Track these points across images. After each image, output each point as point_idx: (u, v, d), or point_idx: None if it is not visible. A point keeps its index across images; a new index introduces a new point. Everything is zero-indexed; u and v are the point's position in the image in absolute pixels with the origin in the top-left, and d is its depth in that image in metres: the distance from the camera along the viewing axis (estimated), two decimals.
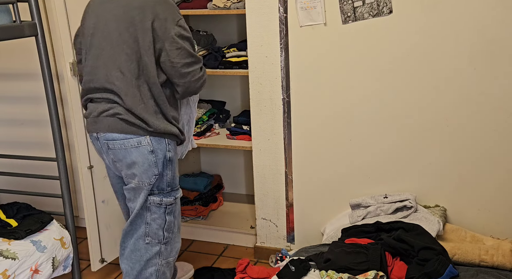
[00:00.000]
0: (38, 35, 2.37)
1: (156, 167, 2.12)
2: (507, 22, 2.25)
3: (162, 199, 2.18)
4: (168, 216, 2.23)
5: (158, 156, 2.12)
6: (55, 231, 2.53)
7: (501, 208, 2.48)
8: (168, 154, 2.15)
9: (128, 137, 2.09)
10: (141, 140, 2.09)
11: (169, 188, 2.20)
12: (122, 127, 2.08)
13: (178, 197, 2.27)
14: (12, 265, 2.24)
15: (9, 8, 2.30)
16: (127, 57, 2.05)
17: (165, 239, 2.25)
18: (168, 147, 2.15)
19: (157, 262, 2.26)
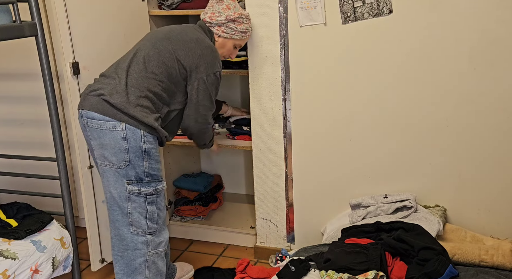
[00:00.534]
0: (38, 35, 2.37)
1: (127, 154, 2.14)
2: (507, 22, 2.25)
3: (140, 189, 2.20)
4: (149, 205, 2.23)
5: (130, 144, 2.14)
6: (55, 231, 2.53)
7: (501, 208, 2.48)
8: (144, 145, 2.15)
9: (106, 118, 2.13)
10: (116, 125, 2.12)
11: (148, 178, 2.20)
12: (102, 108, 2.13)
13: (160, 189, 2.26)
14: (12, 265, 2.24)
15: (9, 8, 2.30)
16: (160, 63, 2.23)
17: (150, 229, 2.26)
18: (143, 139, 2.15)
19: (145, 252, 2.28)
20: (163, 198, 2.31)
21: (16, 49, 3.06)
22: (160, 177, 2.27)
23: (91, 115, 2.16)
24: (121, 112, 2.12)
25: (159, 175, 2.26)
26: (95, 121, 2.15)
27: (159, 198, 2.28)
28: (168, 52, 2.23)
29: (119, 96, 2.13)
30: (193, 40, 2.27)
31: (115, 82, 2.17)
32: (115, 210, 2.25)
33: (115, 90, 2.15)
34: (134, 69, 2.20)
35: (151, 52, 2.23)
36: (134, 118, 2.12)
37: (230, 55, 2.50)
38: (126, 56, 2.29)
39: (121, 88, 2.15)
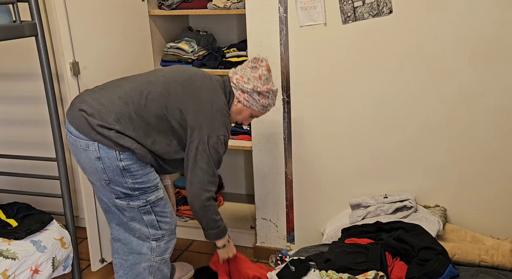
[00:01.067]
0: (38, 35, 2.37)
1: (105, 173, 2.05)
2: (507, 22, 2.25)
3: (129, 203, 2.12)
4: (146, 215, 2.16)
5: (106, 164, 2.04)
6: (55, 231, 2.53)
7: (501, 208, 2.48)
8: (121, 164, 2.04)
9: (80, 136, 2.04)
10: (89, 144, 2.03)
11: (136, 193, 2.10)
12: (79, 124, 2.04)
13: (154, 199, 2.15)
14: (12, 265, 2.24)
15: (9, 8, 2.30)
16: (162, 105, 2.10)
17: (153, 235, 2.21)
18: (119, 157, 2.03)
19: (149, 258, 2.24)
20: (164, 205, 2.21)
21: (16, 49, 3.06)
22: (153, 187, 2.14)
23: (70, 128, 2.09)
24: (95, 131, 2.01)
25: (152, 185, 2.14)
26: (72, 136, 2.08)
27: (158, 207, 2.18)
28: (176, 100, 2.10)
29: (100, 119, 2.02)
30: (207, 101, 2.12)
31: (106, 105, 2.06)
32: (115, 216, 2.22)
33: (99, 112, 2.03)
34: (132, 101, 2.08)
35: (158, 89, 2.11)
36: (108, 139, 2.01)
37: (243, 122, 2.35)
38: (132, 81, 2.17)
39: (108, 114, 2.03)
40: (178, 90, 2.12)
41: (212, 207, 2.16)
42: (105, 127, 2.00)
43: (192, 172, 2.11)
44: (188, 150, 2.11)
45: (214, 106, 2.12)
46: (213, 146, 2.10)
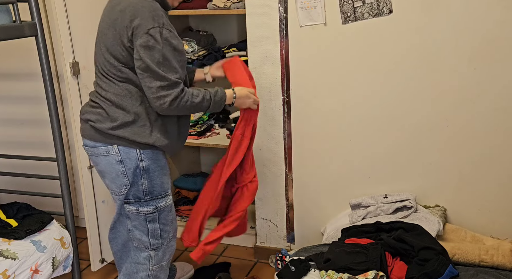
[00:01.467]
0: (38, 35, 2.37)
1: (126, 177, 2.04)
2: (507, 22, 2.25)
3: (138, 208, 2.10)
4: (151, 224, 2.13)
5: (127, 166, 2.03)
6: (55, 231, 2.53)
7: (501, 208, 2.48)
8: (141, 164, 2.04)
9: (97, 145, 2.05)
10: (109, 149, 2.03)
11: (147, 197, 2.09)
12: (91, 134, 2.06)
13: (163, 205, 2.14)
14: (12, 265, 2.24)
15: (9, 8, 2.30)
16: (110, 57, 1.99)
17: (153, 245, 2.18)
18: (140, 157, 2.03)
19: (147, 267, 2.21)
20: (169, 212, 2.19)
21: (16, 49, 3.06)
22: (164, 192, 2.13)
23: (85, 142, 2.11)
24: (109, 135, 2.02)
25: (162, 191, 2.12)
26: (89, 148, 2.09)
27: (163, 214, 2.16)
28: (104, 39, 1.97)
29: (103, 120, 2.02)
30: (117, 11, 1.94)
31: (95, 100, 2.06)
32: (118, 224, 2.21)
33: (98, 114, 2.03)
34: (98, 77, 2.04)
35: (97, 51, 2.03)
36: (124, 139, 2.01)
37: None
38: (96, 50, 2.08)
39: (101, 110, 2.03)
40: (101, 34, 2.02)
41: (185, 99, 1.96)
42: (114, 128, 2.00)
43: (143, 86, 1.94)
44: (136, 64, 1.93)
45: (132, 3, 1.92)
46: (147, 46, 1.86)
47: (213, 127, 3.28)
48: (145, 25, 1.86)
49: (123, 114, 2.00)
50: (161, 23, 1.89)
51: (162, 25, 1.88)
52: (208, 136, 3.18)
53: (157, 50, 1.87)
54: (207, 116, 3.23)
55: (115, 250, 2.28)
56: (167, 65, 1.90)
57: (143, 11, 1.88)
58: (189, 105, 1.99)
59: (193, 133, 3.12)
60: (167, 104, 1.92)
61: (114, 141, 2.01)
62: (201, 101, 2.02)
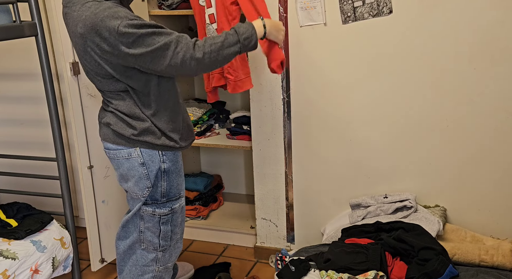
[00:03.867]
0: (38, 35, 2.37)
1: (148, 179, 2.04)
2: (507, 22, 2.25)
3: (155, 210, 2.10)
4: (164, 225, 2.14)
5: (149, 168, 2.03)
6: (55, 231, 2.53)
7: (501, 208, 2.48)
8: (163, 166, 2.04)
9: (119, 148, 2.03)
10: (131, 151, 2.02)
11: (164, 199, 2.10)
12: (113, 137, 2.04)
13: (177, 207, 2.15)
14: (12, 265, 2.24)
15: (9, 8, 2.30)
16: None
17: (162, 246, 2.18)
18: (162, 159, 2.04)
19: (154, 269, 2.21)
20: (180, 214, 2.19)
21: (16, 49, 3.06)
22: (178, 194, 2.14)
23: (106, 145, 2.08)
24: (133, 140, 2.00)
25: (177, 192, 2.14)
26: (111, 151, 2.07)
27: (175, 215, 2.16)
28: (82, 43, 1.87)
29: (124, 127, 2.00)
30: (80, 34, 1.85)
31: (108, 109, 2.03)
32: (131, 224, 2.18)
33: (116, 121, 2.01)
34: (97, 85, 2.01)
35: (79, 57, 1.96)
36: (147, 142, 2.01)
37: None
38: None
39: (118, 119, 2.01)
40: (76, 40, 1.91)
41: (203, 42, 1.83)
42: (136, 135, 1.99)
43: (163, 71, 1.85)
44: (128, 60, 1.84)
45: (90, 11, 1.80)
46: (131, 43, 1.77)
47: (213, 127, 3.28)
48: (112, 30, 1.76)
49: (139, 122, 1.99)
50: (122, 16, 1.77)
51: (124, 18, 1.77)
52: (208, 136, 3.18)
53: (140, 37, 1.77)
54: (207, 116, 3.24)
55: (121, 251, 2.26)
56: (158, 35, 1.78)
57: (100, 20, 1.78)
58: (216, 48, 1.80)
59: None
60: (193, 57, 1.79)
61: (137, 144, 2.01)
62: (224, 38, 1.82)
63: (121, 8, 1.84)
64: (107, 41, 1.79)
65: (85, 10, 1.82)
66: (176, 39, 1.81)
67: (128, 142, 2.01)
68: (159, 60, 1.81)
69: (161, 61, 1.81)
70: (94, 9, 1.80)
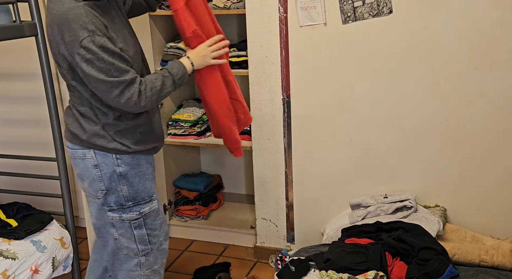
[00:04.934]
0: (38, 35, 2.37)
1: (102, 182, 1.96)
2: (507, 22, 2.25)
3: (121, 215, 2.01)
4: (137, 230, 2.04)
5: (103, 171, 1.95)
6: (55, 231, 2.53)
7: (501, 208, 2.48)
8: (118, 169, 1.95)
9: (75, 147, 1.98)
10: (86, 152, 1.96)
11: (130, 203, 2.00)
12: (70, 136, 2.00)
13: (148, 210, 2.04)
14: (12, 265, 2.24)
15: (9, 8, 2.30)
16: None
17: (142, 251, 2.09)
18: (116, 162, 1.95)
19: (139, 273, 2.13)
20: (156, 217, 2.09)
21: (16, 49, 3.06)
22: (147, 197, 2.04)
23: (67, 144, 2.04)
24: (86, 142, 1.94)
25: (146, 196, 2.03)
26: (69, 150, 2.01)
27: (149, 219, 2.07)
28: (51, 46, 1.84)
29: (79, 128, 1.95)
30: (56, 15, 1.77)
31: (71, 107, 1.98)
32: (104, 235, 2.10)
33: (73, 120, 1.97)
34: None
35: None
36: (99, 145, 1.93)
37: None
38: None
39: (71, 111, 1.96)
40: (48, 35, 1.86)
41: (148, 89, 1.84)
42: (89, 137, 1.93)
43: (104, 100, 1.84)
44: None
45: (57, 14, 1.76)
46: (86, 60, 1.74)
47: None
48: (75, 39, 1.72)
49: (91, 124, 1.93)
50: (91, 29, 1.72)
51: (93, 32, 1.72)
52: (208, 136, 3.18)
53: (98, 60, 1.74)
54: None
55: (109, 260, 2.18)
56: (115, 69, 1.77)
57: (68, 23, 1.73)
58: (156, 92, 1.86)
59: (193, 133, 3.12)
60: (136, 103, 1.82)
61: (91, 146, 1.95)
62: (162, 82, 1.88)
63: (93, 16, 1.77)
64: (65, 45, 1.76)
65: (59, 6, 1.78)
66: (128, 82, 1.79)
67: (82, 143, 1.95)
68: (103, 91, 1.80)
69: (105, 94, 1.81)
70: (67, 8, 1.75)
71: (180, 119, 3.14)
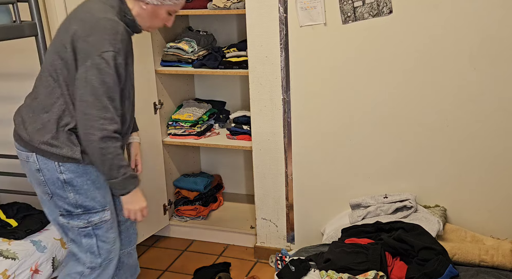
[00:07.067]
0: (38, 35, 2.37)
1: (46, 186, 1.92)
2: (507, 22, 2.25)
3: (69, 222, 1.94)
4: (85, 238, 1.96)
5: (46, 176, 1.90)
6: (55, 231, 2.52)
7: (501, 208, 2.48)
8: (62, 176, 1.88)
9: (21, 149, 1.95)
10: (29, 156, 1.91)
11: (79, 210, 1.92)
12: (17, 137, 1.97)
13: (97, 221, 1.96)
14: (12, 265, 2.24)
15: (9, 8, 2.30)
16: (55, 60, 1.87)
17: (90, 263, 2.01)
18: (59, 169, 1.87)
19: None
20: (109, 229, 2.00)
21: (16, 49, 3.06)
22: (100, 207, 1.95)
23: (15, 143, 1.99)
24: (28, 142, 1.89)
25: (98, 205, 1.95)
26: (17, 150, 1.99)
27: (100, 230, 1.97)
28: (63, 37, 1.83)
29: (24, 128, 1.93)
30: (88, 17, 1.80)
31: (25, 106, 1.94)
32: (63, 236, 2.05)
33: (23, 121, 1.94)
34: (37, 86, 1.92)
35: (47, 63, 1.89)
36: (41, 149, 1.87)
37: (167, 23, 1.99)
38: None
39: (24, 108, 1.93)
40: (61, 28, 1.88)
41: (112, 149, 1.80)
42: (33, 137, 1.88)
43: (77, 110, 1.79)
44: (76, 81, 1.80)
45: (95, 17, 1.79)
46: (98, 69, 1.75)
47: (213, 127, 3.28)
48: (99, 47, 1.75)
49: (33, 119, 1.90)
50: (118, 48, 1.77)
51: (118, 51, 1.77)
52: (208, 136, 3.18)
53: (107, 76, 1.76)
54: (207, 116, 3.24)
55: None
56: (112, 95, 1.78)
57: (102, 30, 1.76)
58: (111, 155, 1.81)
59: (193, 133, 3.13)
60: (97, 138, 1.77)
61: (33, 149, 1.89)
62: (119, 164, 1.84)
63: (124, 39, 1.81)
64: (85, 43, 1.76)
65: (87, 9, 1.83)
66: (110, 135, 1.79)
67: (26, 144, 1.91)
68: (85, 102, 1.76)
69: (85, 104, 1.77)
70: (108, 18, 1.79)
71: (180, 119, 3.15)
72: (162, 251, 3.16)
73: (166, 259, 3.08)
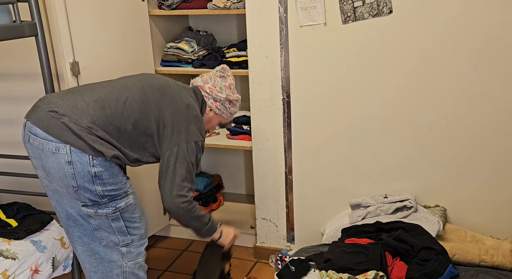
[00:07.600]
0: (38, 35, 2.37)
1: (74, 179, 1.91)
2: (507, 22, 2.25)
3: (97, 211, 1.99)
4: (114, 222, 2.03)
5: (77, 169, 1.90)
6: (55, 231, 2.53)
7: (501, 208, 2.48)
8: (93, 170, 1.91)
9: (49, 138, 1.90)
10: (60, 147, 1.89)
11: (105, 199, 1.97)
12: (48, 125, 1.90)
13: (124, 206, 2.03)
14: (12, 265, 2.24)
15: (9, 8, 2.30)
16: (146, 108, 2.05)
17: (122, 242, 2.08)
18: (92, 163, 1.90)
19: (121, 264, 2.11)
20: (134, 209, 2.08)
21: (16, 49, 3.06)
22: (124, 193, 2.02)
23: (35, 130, 1.92)
24: (69, 133, 1.88)
25: (121, 192, 2.01)
26: (37, 139, 1.92)
27: (127, 213, 2.05)
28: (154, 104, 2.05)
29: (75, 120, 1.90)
30: (184, 105, 2.09)
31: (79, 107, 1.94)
32: (79, 226, 2.07)
33: (73, 113, 1.91)
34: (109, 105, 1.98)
35: (136, 95, 2.03)
36: (83, 141, 1.88)
37: (210, 130, 2.37)
38: (105, 86, 2.07)
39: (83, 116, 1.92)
40: (156, 95, 2.07)
41: (196, 206, 2.14)
42: (81, 128, 1.89)
43: (172, 181, 2.05)
44: (168, 158, 2.05)
45: (191, 112, 2.10)
46: (193, 152, 2.08)
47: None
48: (196, 135, 2.08)
49: None
50: (203, 136, 2.13)
51: (203, 138, 2.13)
52: (208, 136, 3.18)
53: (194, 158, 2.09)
54: None
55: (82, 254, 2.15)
56: (192, 171, 2.09)
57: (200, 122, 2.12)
58: (195, 214, 2.15)
59: None
60: (186, 203, 2.07)
61: (69, 140, 1.89)
62: (203, 216, 2.20)
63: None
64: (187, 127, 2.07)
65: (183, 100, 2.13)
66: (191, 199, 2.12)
67: (61, 135, 1.89)
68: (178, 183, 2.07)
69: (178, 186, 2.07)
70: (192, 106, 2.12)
71: None
72: (162, 251, 3.16)
73: (166, 259, 3.08)
